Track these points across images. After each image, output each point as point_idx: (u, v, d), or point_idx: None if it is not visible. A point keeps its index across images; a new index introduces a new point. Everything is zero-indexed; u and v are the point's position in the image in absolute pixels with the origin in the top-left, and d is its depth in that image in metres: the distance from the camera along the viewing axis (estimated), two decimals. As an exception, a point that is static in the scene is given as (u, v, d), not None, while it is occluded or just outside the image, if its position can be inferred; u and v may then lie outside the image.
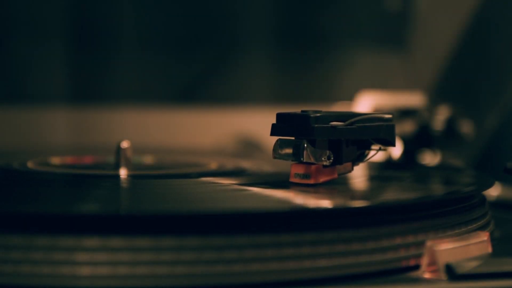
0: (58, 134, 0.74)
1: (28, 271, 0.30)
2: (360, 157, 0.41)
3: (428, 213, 0.36)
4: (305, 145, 0.38)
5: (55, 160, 0.52)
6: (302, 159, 0.38)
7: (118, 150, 0.47)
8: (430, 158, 0.61)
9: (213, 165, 0.50)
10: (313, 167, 0.39)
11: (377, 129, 0.40)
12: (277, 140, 0.39)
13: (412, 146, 0.61)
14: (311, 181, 0.39)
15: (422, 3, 0.80)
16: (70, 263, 0.30)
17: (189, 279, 0.30)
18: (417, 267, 0.34)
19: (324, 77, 0.79)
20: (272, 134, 0.39)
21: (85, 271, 0.30)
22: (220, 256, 0.31)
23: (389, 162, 0.58)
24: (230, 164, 0.52)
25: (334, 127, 0.38)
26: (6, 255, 0.30)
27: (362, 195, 0.41)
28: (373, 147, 0.41)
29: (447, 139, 0.62)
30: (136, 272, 0.30)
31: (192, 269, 0.31)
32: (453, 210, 0.37)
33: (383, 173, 0.51)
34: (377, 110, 0.63)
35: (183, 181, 0.43)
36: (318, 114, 0.38)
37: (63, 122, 0.74)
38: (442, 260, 0.33)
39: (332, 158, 0.39)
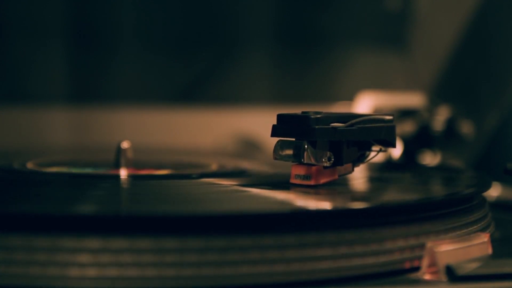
0: (58, 134, 0.73)
1: (25, 272, 0.30)
2: (360, 158, 0.41)
3: (428, 214, 0.36)
4: (306, 146, 0.38)
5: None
6: (302, 160, 0.38)
7: (118, 150, 0.46)
8: (430, 159, 0.61)
9: (213, 166, 0.50)
10: (313, 168, 0.39)
11: (378, 130, 0.40)
12: (277, 141, 0.39)
13: (412, 146, 0.61)
14: (312, 182, 0.39)
15: (422, 3, 0.80)
16: (71, 264, 0.30)
17: (193, 280, 0.31)
18: (417, 268, 0.34)
19: (324, 77, 0.79)
20: (273, 135, 0.39)
21: (82, 272, 0.30)
22: (221, 258, 0.31)
23: (389, 163, 0.58)
24: (230, 164, 0.52)
25: (335, 128, 0.38)
26: (4, 256, 0.30)
27: (362, 197, 0.41)
28: (373, 148, 0.41)
29: (447, 139, 0.62)
30: (141, 274, 0.30)
31: (194, 271, 0.31)
32: (453, 211, 0.37)
33: (383, 174, 0.51)
34: (377, 111, 0.63)
35: (183, 182, 0.43)
36: (319, 115, 0.38)
37: (63, 122, 0.74)
38: (442, 261, 0.33)
39: (332, 159, 0.39)
